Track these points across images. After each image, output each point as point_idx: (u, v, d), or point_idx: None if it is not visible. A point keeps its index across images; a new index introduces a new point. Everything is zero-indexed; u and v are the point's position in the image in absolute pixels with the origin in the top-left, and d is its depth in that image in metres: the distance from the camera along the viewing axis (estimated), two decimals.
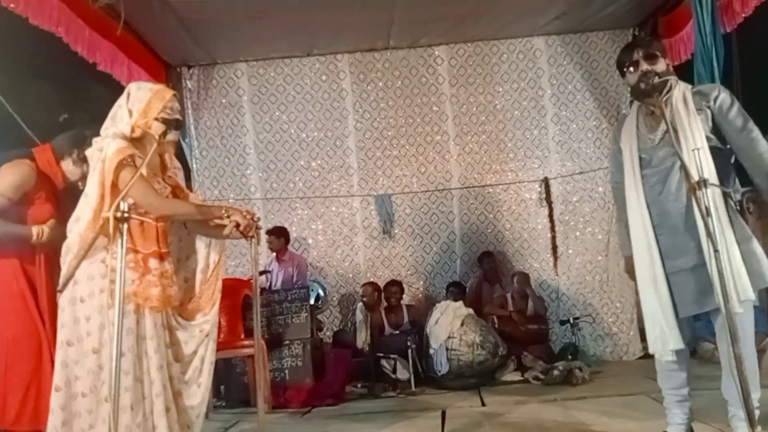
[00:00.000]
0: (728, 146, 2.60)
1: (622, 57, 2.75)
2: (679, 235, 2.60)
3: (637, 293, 5.97)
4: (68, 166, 2.96)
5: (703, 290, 2.51)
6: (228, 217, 2.50)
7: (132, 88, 2.57)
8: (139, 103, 2.50)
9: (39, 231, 2.78)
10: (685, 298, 2.60)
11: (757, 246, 2.52)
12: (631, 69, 2.69)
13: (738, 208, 2.61)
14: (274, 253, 6.03)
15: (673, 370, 2.70)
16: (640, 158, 2.71)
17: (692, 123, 2.54)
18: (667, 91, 2.62)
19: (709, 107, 2.59)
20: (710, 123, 2.58)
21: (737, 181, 2.67)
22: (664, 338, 2.60)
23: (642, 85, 2.61)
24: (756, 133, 2.56)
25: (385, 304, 5.94)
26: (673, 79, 2.65)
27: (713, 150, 2.50)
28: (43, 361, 2.69)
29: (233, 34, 5.74)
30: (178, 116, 2.59)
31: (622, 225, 2.89)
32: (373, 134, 6.49)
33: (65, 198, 2.95)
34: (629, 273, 2.87)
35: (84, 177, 2.90)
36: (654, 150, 2.68)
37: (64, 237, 2.53)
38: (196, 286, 2.69)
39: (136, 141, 2.49)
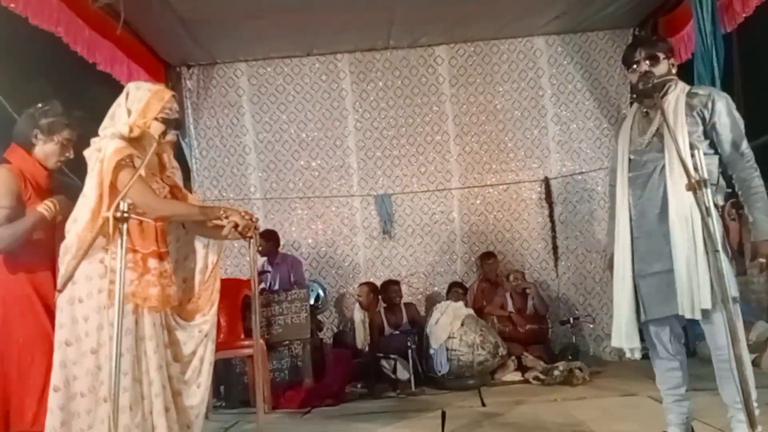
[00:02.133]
0: (716, 152, 2.61)
1: (625, 55, 2.79)
2: (654, 240, 2.64)
3: None
4: (42, 150, 2.81)
5: (674, 294, 2.55)
6: (227, 217, 2.50)
7: (131, 87, 2.57)
8: (138, 102, 2.51)
9: (46, 207, 2.68)
10: (657, 300, 2.63)
11: (725, 259, 2.47)
12: (633, 68, 2.71)
13: (720, 213, 2.59)
14: (265, 257, 5.95)
15: (669, 369, 2.72)
16: (630, 160, 2.74)
17: (678, 128, 2.55)
18: (665, 94, 2.63)
19: (701, 114, 2.60)
20: (700, 128, 2.59)
21: (723, 185, 2.66)
22: (622, 336, 2.69)
23: (640, 85, 2.64)
24: (751, 161, 2.58)
25: (383, 304, 5.93)
26: (672, 81, 2.66)
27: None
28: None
29: (233, 34, 5.74)
30: (177, 116, 2.59)
31: (612, 223, 2.94)
32: (373, 134, 6.49)
33: (55, 193, 2.88)
34: (610, 270, 2.93)
35: (62, 147, 2.82)
36: (642, 153, 2.70)
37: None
38: (195, 286, 2.69)
39: (135, 141, 2.49)
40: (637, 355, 2.71)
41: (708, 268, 2.42)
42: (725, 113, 2.59)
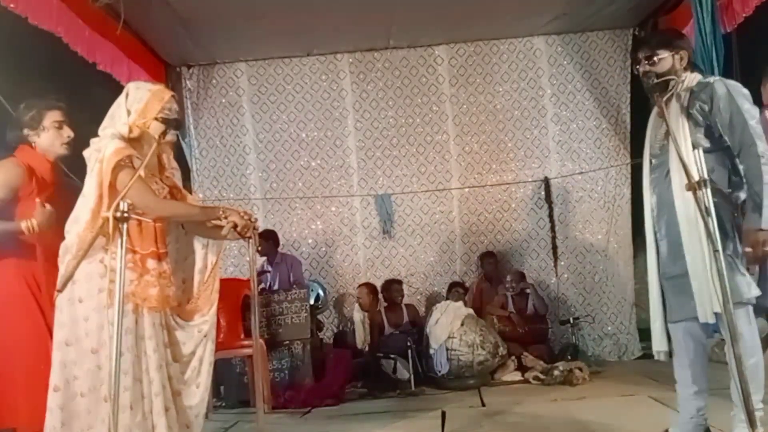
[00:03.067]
0: (725, 144, 2.55)
1: (631, 56, 2.81)
2: (671, 243, 2.63)
3: (635, 294, 6.01)
4: (43, 142, 2.86)
5: (689, 297, 2.54)
6: (225, 217, 2.51)
7: (131, 87, 2.58)
8: (138, 103, 2.51)
9: (29, 225, 2.71)
10: (677, 302, 2.63)
11: (736, 261, 2.46)
12: (637, 69, 2.71)
13: (735, 213, 2.56)
14: (264, 257, 5.94)
15: (682, 367, 2.69)
16: (650, 161, 2.74)
17: (679, 128, 2.52)
18: (670, 90, 2.60)
19: (701, 109, 2.54)
20: (703, 123, 2.53)
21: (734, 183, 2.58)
22: (654, 338, 2.71)
23: (645, 87, 2.64)
24: (755, 149, 2.42)
25: (384, 303, 5.93)
26: (674, 79, 2.60)
27: (705, 153, 2.42)
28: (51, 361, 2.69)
29: (233, 34, 5.74)
30: (176, 116, 2.60)
31: None
32: (373, 134, 6.49)
33: (59, 190, 2.92)
34: None
35: (57, 129, 2.87)
36: (657, 156, 2.70)
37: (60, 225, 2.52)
38: (194, 286, 2.70)
39: (134, 141, 2.49)
40: (663, 358, 2.71)
41: (717, 271, 2.40)
42: (725, 101, 2.49)
